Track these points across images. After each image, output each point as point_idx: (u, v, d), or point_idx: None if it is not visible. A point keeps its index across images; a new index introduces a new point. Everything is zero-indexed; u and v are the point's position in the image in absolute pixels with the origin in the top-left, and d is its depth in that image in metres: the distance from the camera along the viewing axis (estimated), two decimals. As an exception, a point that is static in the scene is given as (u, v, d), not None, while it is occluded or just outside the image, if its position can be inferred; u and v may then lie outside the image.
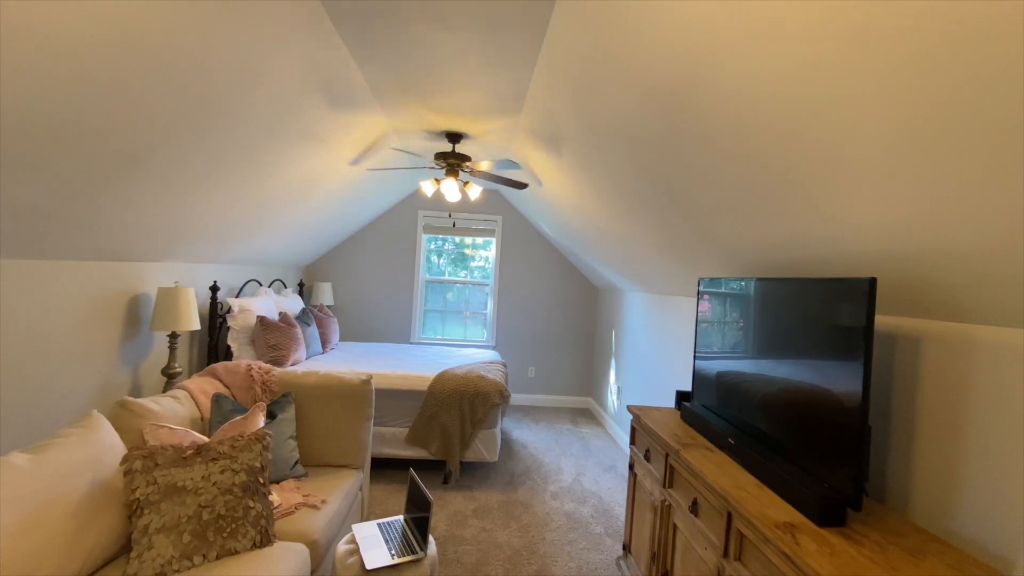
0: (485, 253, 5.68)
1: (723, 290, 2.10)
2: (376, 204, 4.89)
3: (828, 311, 1.43)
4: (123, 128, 1.73)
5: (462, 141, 3.30)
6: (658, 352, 3.62)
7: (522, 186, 3.31)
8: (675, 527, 1.86)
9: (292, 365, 3.43)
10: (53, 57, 1.33)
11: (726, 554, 1.49)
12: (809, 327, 1.52)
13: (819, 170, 1.26)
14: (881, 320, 1.58)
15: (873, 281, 1.26)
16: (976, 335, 1.29)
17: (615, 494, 3.25)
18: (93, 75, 1.45)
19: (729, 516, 1.49)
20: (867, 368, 1.27)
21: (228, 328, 3.30)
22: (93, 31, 1.33)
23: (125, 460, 1.53)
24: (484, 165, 3.06)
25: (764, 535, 1.30)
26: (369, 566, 1.67)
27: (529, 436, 4.35)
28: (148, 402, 1.87)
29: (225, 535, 1.59)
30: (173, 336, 2.75)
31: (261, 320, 3.37)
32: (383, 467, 3.34)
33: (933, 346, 1.41)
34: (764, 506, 1.39)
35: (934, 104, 0.89)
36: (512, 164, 3.00)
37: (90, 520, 1.43)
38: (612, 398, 4.63)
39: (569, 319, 5.50)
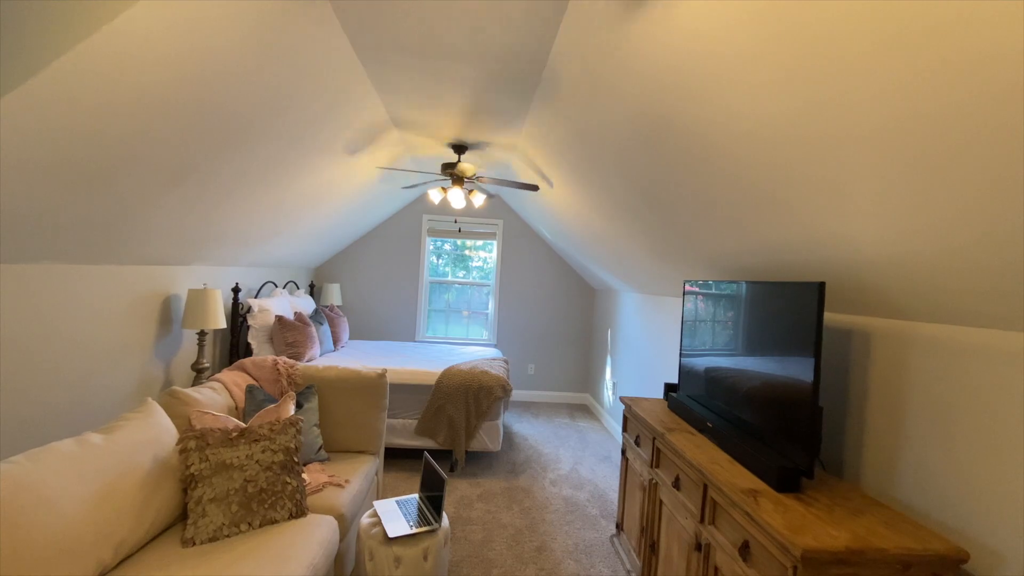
0: (484, 254, 5.92)
1: (704, 291, 2.34)
2: (383, 209, 5.12)
3: (788, 310, 1.66)
4: (171, 150, 1.96)
5: (467, 152, 3.53)
6: (650, 348, 3.86)
7: (533, 188, 3.50)
8: (661, 502, 2.09)
9: (308, 361, 3.66)
10: (122, 92, 1.55)
11: (702, 520, 1.72)
12: (774, 323, 1.75)
13: (799, 188, 1.45)
14: (840, 318, 1.82)
15: (822, 285, 1.49)
16: (914, 331, 1.53)
17: (610, 481, 3.49)
18: (152, 106, 1.68)
19: (705, 487, 1.72)
20: (817, 357, 1.50)
21: (249, 327, 3.53)
22: (154, 70, 1.56)
23: (181, 440, 1.76)
24: (486, 176, 3.28)
25: (732, 500, 1.53)
26: (391, 535, 1.90)
27: (529, 429, 4.58)
28: (193, 392, 2.10)
29: (267, 506, 1.82)
30: (201, 334, 2.98)
31: (279, 319, 3.60)
32: (393, 456, 3.57)
33: (881, 341, 1.65)
34: (734, 477, 1.63)
35: (894, 149, 1.09)
36: (511, 178, 3.22)
37: (154, 490, 1.66)
38: (608, 393, 4.86)
39: (567, 319, 5.74)
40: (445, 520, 2.06)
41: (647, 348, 3.93)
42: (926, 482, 1.46)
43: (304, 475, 2.12)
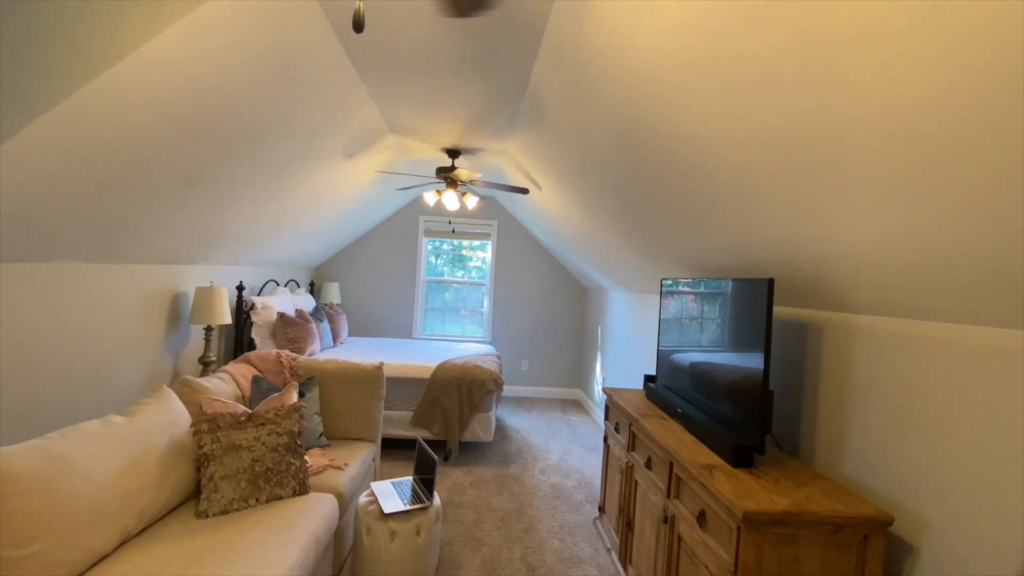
0: (482, 254, 6.09)
1: (677, 289, 2.51)
2: (381, 211, 5.29)
3: (745, 304, 1.83)
4: (186, 158, 2.13)
5: (460, 157, 3.70)
6: (636, 343, 4.03)
7: (524, 191, 3.67)
8: (636, 483, 2.26)
9: (308, 356, 3.82)
10: (142, 110, 1.72)
11: (668, 495, 1.89)
12: (733, 316, 1.93)
13: (765, 190, 1.59)
14: (798, 312, 1.99)
15: (771, 281, 1.67)
16: (856, 323, 1.70)
17: (596, 471, 3.66)
18: (167, 120, 1.85)
19: (671, 465, 1.89)
20: (767, 344, 1.67)
21: (252, 323, 3.69)
22: (173, 84, 1.73)
23: (195, 423, 1.93)
24: (480, 179, 3.45)
25: (692, 474, 1.70)
26: (386, 511, 2.07)
27: (522, 423, 4.75)
28: (203, 381, 2.27)
29: (272, 484, 1.99)
30: (208, 329, 3.15)
31: (281, 316, 3.77)
32: (390, 446, 3.74)
33: (831, 332, 1.82)
34: (695, 455, 1.80)
35: (861, 154, 1.23)
36: (503, 180, 3.39)
37: (171, 468, 1.83)
38: (598, 388, 5.03)
39: (560, 317, 5.91)
40: (437, 499, 2.23)
41: (633, 343, 4.10)
42: (866, 458, 1.62)
43: (306, 458, 2.29)
